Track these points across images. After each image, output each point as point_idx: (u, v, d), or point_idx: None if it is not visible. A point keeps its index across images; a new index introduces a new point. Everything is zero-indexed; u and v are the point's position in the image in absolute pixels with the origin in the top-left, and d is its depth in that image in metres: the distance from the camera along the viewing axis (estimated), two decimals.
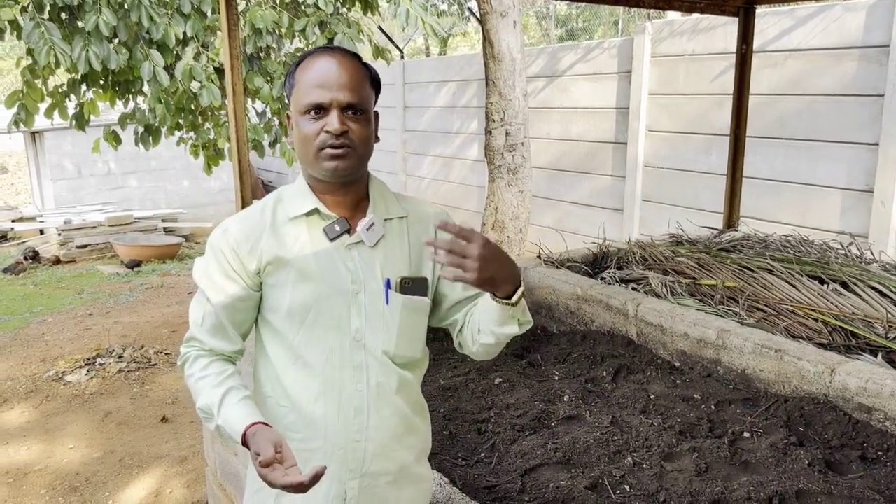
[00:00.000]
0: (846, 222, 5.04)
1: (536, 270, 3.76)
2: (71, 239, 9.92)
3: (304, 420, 1.49)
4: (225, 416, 1.38)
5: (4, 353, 5.86)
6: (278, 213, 1.50)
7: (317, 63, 1.44)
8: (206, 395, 1.42)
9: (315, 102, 1.41)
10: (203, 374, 1.46)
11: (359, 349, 1.48)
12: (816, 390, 2.54)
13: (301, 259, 1.46)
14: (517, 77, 5.44)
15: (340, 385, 1.48)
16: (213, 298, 1.48)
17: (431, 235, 1.55)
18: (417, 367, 1.60)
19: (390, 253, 1.51)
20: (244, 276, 1.47)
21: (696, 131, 6.09)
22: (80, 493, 3.78)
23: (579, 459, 2.29)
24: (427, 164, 9.93)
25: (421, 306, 1.53)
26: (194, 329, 1.51)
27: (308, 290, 1.46)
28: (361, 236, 1.48)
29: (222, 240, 1.48)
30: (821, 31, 5.10)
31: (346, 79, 1.42)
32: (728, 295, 3.30)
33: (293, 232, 1.48)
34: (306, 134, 1.42)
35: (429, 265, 1.56)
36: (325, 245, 1.47)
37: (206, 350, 1.50)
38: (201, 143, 5.90)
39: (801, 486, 2.08)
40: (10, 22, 4.47)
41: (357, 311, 1.48)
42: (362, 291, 1.48)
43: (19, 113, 4.95)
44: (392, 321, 1.49)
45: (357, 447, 1.49)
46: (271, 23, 4.95)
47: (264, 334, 1.53)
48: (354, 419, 1.49)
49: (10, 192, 16.94)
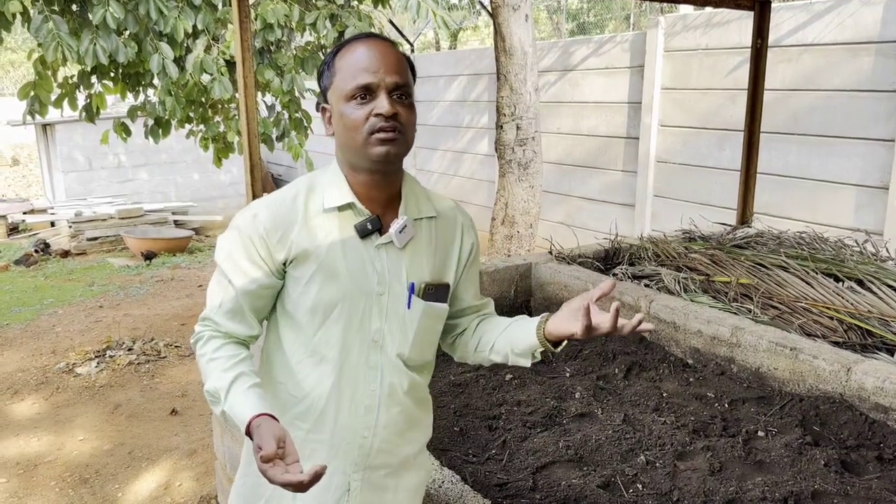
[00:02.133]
0: (860, 219, 4.98)
1: (548, 266, 3.74)
2: (81, 231, 9.95)
3: (314, 412, 1.48)
4: (231, 402, 1.35)
5: (16, 345, 5.88)
6: (310, 204, 1.45)
7: (360, 47, 1.40)
8: (215, 379, 1.39)
9: (363, 84, 1.36)
10: (214, 355, 1.42)
11: (376, 350, 1.47)
12: (832, 389, 2.51)
13: (330, 255, 1.43)
14: (528, 71, 5.40)
15: (354, 383, 1.47)
16: (235, 282, 1.44)
17: (457, 241, 1.56)
18: (427, 369, 1.61)
19: (417, 255, 1.49)
20: (270, 264, 1.43)
21: (709, 126, 6.04)
22: (89, 484, 3.79)
23: (591, 457, 2.27)
24: (437, 159, 9.90)
25: (440, 313, 1.54)
26: (211, 310, 1.47)
27: (334, 289, 1.43)
28: (392, 237, 1.45)
29: (252, 225, 1.43)
30: (837, 26, 5.04)
31: (392, 61, 1.39)
32: (742, 292, 3.27)
33: (325, 225, 1.44)
34: (354, 119, 1.37)
35: (451, 270, 1.55)
36: (355, 242, 1.44)
37: (220, 332, 1.46)
38: (211, 136, 5.90)
39: (816, 486, 2.05)
40: (21, 14, 4.47)
41: (379, 313, 1.46)
42: (386, 293, 1.46)
43: (33, 104, 4.95)
44: (410, 326, 1.48)
45: (364, 443, 1.49)
46: (282, 16, 4.93)
47: (282, 323, 1.50)
48: (364, 417, 1.48)
49: (22, 184, 17.02)
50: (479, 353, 1.62)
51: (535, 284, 3.78)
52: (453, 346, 1.69)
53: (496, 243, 5.72)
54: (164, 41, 4.75)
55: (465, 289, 1.61)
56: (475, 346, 1.62)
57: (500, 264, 3.75)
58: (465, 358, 1.67)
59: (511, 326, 1.57)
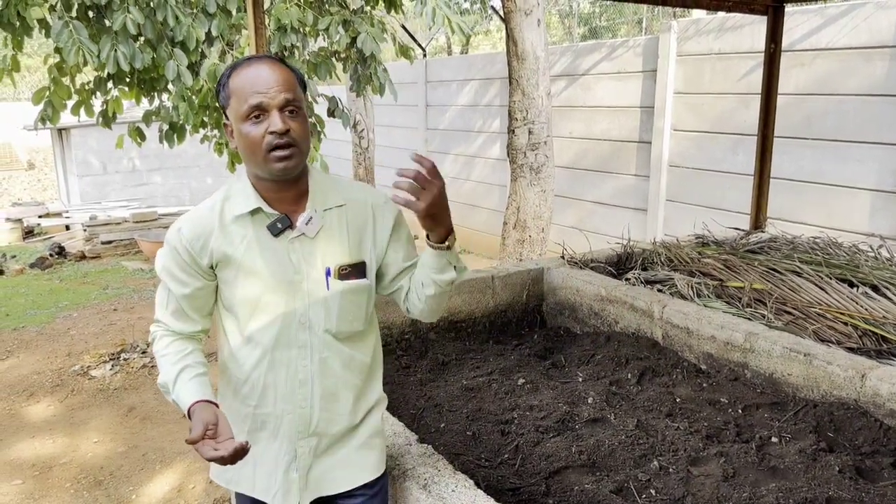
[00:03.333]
0: (875, 224, 4.95)
1: (560, 270, 3.74)
2: (96, 235, 10.03)
3: (257, 391, 1.67)
4: (178, 392, 1.56)
5: (31, 348, 5.93)
6: (226, 212, 1.62)
7: (249, 70, 1.54)
8: (165, 372, 1.60)
9: (255, 104, 1.50)
10: (164, 352, 1.63)
11: (304, 330, 1.64)
12: (846, 395, 2.50)
13: (248, 256, 1.61)
14: (541, 76, 5.41)
15: (287, 361, 1.65)
16: (173, 289, 1.64)
17: (369, 221, 1.70)
18: (364, 337, 1.75)
19: (330, 241, 1.65)
20: (198, 269, 1.62)
21: (722, 131, 6.02)
22: (104, 486, 3.82)
23: (604, 463, 2.26)
24: (449, 163, 9.92)
25: (361, 287, 1.69)
26: (159, 311, 1.68)
27: (255, 284, 1.61)
28: (302, 230, 1.61)
29: (177, 238, 1.61)
30: (851, 30, 5.02)
31: (280, 79, 1.53)
32: (755, 297, 3.26)
33: (240, 230, 1.61)
34: (252, 138, 1.52)
35: (367, 247, 1.70)
36: (270, 241, 1.61)
37: (169, 331, 1.67)
38: (225, 142, 5.93)
39: (831, 492, 2.04)
40: (38, 21, 4.51)
41: (301, 298, 1.63)
42: (305, 280, 1.63)
43: (46, 110, 5.00)
44: (333, 304, 1.65)
45: (303, 413, 1.68)
46: (296, 20, 4.95)
47: (223, 316, 1.69)
48: (300, 389, 1.66)
49: (38, 188, 17.17)
50: (420, 300, 1.72)
51: (547, 289, 3.77)
52: (410, 309, 1.80)
53: (508, 247, 5.73)
54: (179, 47, 4.79)
55: (394, 256, 1.74)
56: (416, 297, 1.73)
57: (511, 269, 3.76)
58: (423, 312, 1.75)
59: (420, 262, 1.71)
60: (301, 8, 5.02)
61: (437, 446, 2.28)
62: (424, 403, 2.73)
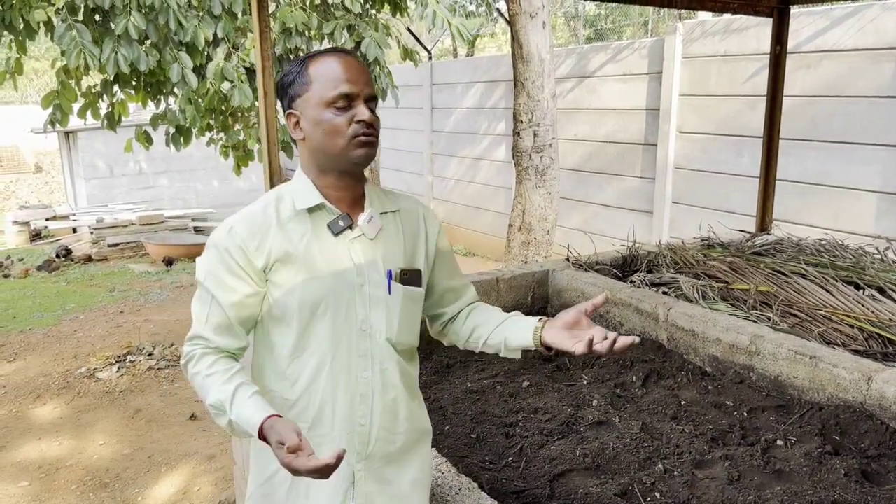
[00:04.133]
0: (881, 226, 4.93)
1: (565, 273, 3.73)
2: (103, 237, 10.07)
3: (312, 409, 1.54)
4: (238, 411, 1.39)
5: (38, 350, 5.96)
6: (281, 211, 1.54)
7: (336, 59, 1.51)
8: (217, 392, 1.44)
9: (345, 93, 1.47)
10: (210, 371, 1.47)
11: (364, 338, 1.55)
12: (852, 398, 2.49)
13: (309, 254, 1.51)
14: (546, 78, 5.40)
15: (347, 373, 1.54)
16: (219, 297, 1.50)
17: (422, 230, 1.68)
18: (414, 356, 1.69)
19: (389, 245, 1.59)
20: (251, 273, 1.50)
21: (728, 133, 6.01)
22: (110, 489, 3.83)
23: (609, 465, 2.26)
24: (454, 165, 9.92)
25: (418, 296, 1.64)
26: (198, 327, 1.52)
27: (316, 285, 1.51)
28: (363, 229, 1.55)
29: (228, 238, 1.50)
30: (857, 32, 5.00)
31: (367, 76, 1.52)
32: (761, 300, 3.25)
33: (299, 228, 1.52)
34: (335, 125, 1.48)
35: (420, 257, 1.65)
36: (330, 240, 1.53)
37: (211, 347, 1.51)
38: (231, 144, 5.95)
39: (836, 496, 2.03)
40: (43, 23, 4.54)
41: (362, 302, 1.55)
42: (366, 283, 1.55)
43: (55, 113, 5.03)
44: (394, 310, 1.57)
45: (362, 431, 1.56)
46: (301, 23, 4.97)
47: (269, 328, 1.56)
48: (360, 405, 1.55)
49: (45, 190, 17.24)
50: (470, 342, 1.73)
51: (552, 291, 3.77)
52: (443, 332, 1.79)
53: (513, 250, 5.72)
54: (184, 50, 4.81)
55: (439, 272, 1.72)
56: (467, 336, 1.72)
57: (517, 271, 3.75)
58: (454, 344, 1.77)
59: (506, 325, 1.66)
60: (306, 11, 5.04)
61: (442, 449, 2.28)
62: (429, 406, 2.72)
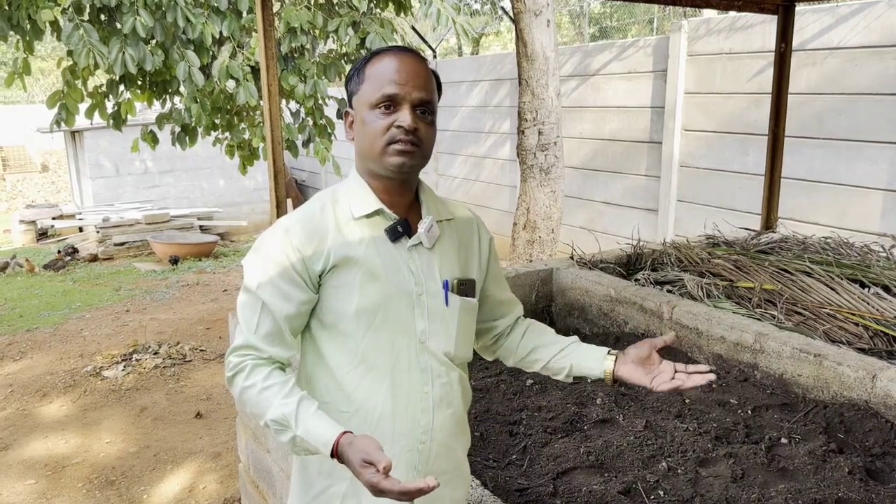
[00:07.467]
0: (887, 224, 4.91)
1: (569, 271, 3.73)
2: (109, 236, 10.11)
3: (369, 424, 1.44)
4: (306, 426, 1.31)
5: (44, 348, 5.98)
6: (338, 213, 1.45)
7: (391, 58, 1.42)
8: (278, 407, 1.34)
9: (389, 94, 1.38)
10: (266, 383, 1.37)
11: (424, 351, 1.47)
12: (857, 396, 2.48)
13: (369, 259, 1.42)
14: (550, 76, 5.40)
15: (408, 387, 1.46)
16: (273, 303, 1.40)
17: (475, 240, 1.61)
18: (466, 369, 1.62)
19: (445, 254, 1.51)
20: (307, 276, 1.41)
21: (733, 131, 6.00)
22: (116, 486, 3.85)
23: (612, 464, 2.26)
24: (459, 164, 9.92)
25: (473, 307, 1.56)
26: (249, 336, 1.41)
27: (376, 291, 1.42)
28: (421, 238, 1.47)
29: (284, 240, 1.41)
30: (863, 29, 4.99)
31: (421, 77, 1.43)
32: (766, 298, 3.24)
33: (357, 232, 1.44)
34: (375, 128, 1.39)
35: (474, 266, 1.59)
36: (388, 246, 1.45)
37: (263, 358, 1.41)
38: (236, 144, 5.96)
39: (840, 494, 2.03)
40: (50, 23, 4.56)
41: (421, 313, 1.46)
42: (424, 293, 1.47)
43: (60, 113, 5.05)
44: (451, 323, 1.50)
45: (423, 448, 1.48)
46: (306, 22, 4.97)
47: (322, 338, 1.47)
48: (421, 421, 1.47)
49: (51, 190, 17.31)
50: (525, 362, 1.69)
51: (556, 289, 3.77)
52: (493, 347, 1.72)
53: (518, 248, 5.72)
54: (191, 48, 4.82)
55: (493, 285, 1.67)
56: (524, 356, 1.68)
57: (521, 269, 3.76)
58: (504, 360, 1.72)
59: (571, 351, 1.64)
60: (311, 10, 5.04)
61: None
62: None
